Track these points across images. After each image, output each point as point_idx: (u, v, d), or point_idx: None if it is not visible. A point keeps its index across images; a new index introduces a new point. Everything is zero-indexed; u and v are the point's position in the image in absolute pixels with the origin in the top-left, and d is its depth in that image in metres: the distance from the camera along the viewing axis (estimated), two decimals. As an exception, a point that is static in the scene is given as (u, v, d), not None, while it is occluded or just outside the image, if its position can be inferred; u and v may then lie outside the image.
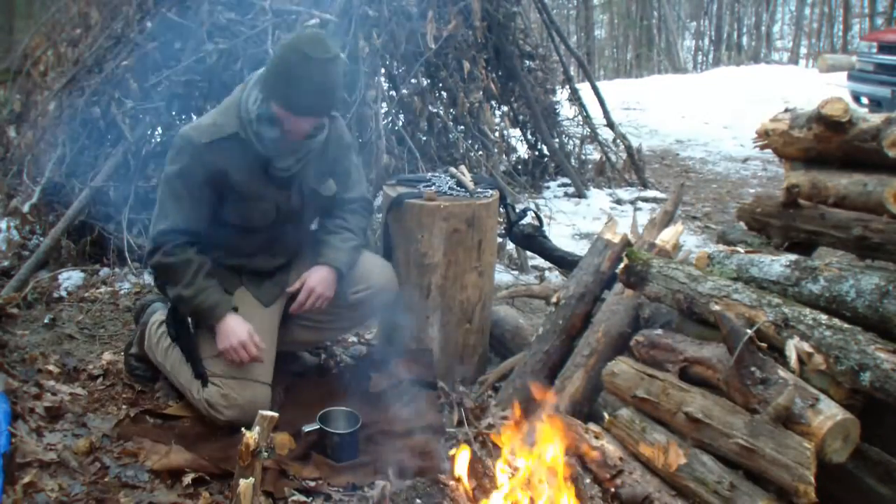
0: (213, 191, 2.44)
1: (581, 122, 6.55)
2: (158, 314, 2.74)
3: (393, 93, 4.68)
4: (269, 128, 2.37)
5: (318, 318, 2.71)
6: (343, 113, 4.08)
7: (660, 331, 2.37)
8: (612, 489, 2.15)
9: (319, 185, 2.60)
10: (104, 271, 3.87)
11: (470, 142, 5.04)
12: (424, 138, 4.70)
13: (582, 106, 6.48)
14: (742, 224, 2.72)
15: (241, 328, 2.45)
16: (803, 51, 20.13)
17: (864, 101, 8.21)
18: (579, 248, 4.22)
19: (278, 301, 2.66)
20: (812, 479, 1.74)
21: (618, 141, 6.52)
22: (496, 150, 5.35)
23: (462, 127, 5.09)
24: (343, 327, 2.93)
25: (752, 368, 1.91)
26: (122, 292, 3.68)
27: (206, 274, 2.47)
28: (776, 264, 2.17)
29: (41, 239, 4.00)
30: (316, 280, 2.59)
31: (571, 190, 6.00)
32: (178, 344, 2.60)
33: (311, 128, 2.39)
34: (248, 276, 2.63)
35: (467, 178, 3.02)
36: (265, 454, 1.81)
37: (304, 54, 2.25)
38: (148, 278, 3.69)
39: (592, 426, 2.34)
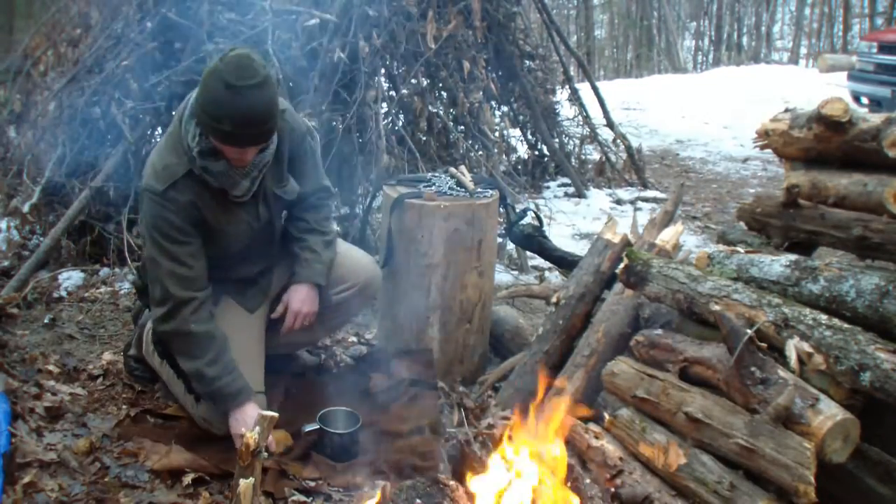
0: (194, 227, 2.36)
1: (581, 122, 6.54)
2: None
3: (393, 93, 4.68)
4: (213, 161, 2.27)
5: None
6: (343, 112, 4.09)
7: (660, 331, 2.37)
8: (612, 489, 2.15)
9: (282, 189, 2.51)
10: (104, 271, 3.87)
11: (470, 142, 5.04)
12: (424, 138, 4.69)
13: (582, 106, 6.47)
14: (742, 224, 2.72)
15: (247, 422, 2.32)
16: (803, 51, 20.13)
17: (864, 101, 8.21)
18: (579, 248, 4.22)
19: (263, 305, 2.62)
20: (812, 479, 1.74)
21: (618, 141, 6.52)
22: (496, 150, 5.35)
23: (462, 127, 5.09)
24: (332, 326, 2.91)
25: (752, 368, 1.91)
26: (122, 292, 3.68)
27: (227, 353, 2.39)
28: (776, 264, 2.17)
29: (41, 239, 4.00)
30: (298, 302, 2.55)
31: (571, 190, 6.00)
32: (168, 363, 2.60)
33: (253, 154, 2.28)
34: (231, 285, 2.57)
35: (467, 178, 3.02)
36: (265, 455, 1.81)
37: (228, 84, 2.10)
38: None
39: (592, 426, 2.34)
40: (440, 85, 5.07)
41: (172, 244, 2.32)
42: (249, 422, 2.28)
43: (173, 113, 4.10)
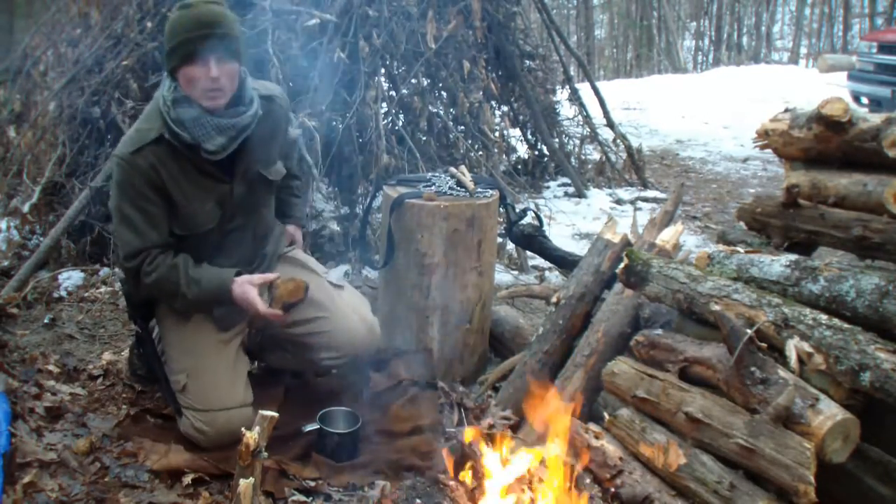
0: (160, 197, 2.31)
1: (581, 122, 6.55)
2: None
3: (393, 93, 4.68)
4: (186, 108, 2.25)
5: (294, 352, 2.67)
6: (343, 112, 4.09)
7: (660, 331, 2.37)
8: (612, 489, 2.15)
9: (267, 169, 2.46)
10: (104, 271, 3.87)
11: (470, 142, 5.04)
12: (424, 138, 4.70)
13: (582, 106, 6.48)
14: (742, 224, 2.72)
15: (245, 296, 2.34)
16: (803, 51, 20.14)
17: (864, 101, 8.21)
18: (579, 248, 4.22)
19: (239, 326, 2.53)
20: (812, 479, 1.74)
21: (618, 141, 6.52)
22: (496, 150, 5.35)
23: (462, 127, 5.09)
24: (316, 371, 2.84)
25: (752, 368, 1.91)
26: (122, 292, 3.68)
27: (193, 266, 2.36)
28: (776, 264, 2.17)
29: (41, 239, 4.00)
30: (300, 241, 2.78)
31: (571, 190, 6.00)
32: (151, 375, 2.60)
33: (222, 77, 2.22)
34: None
35: (467, 178, 3.01)
36: (265, 455, 1.81)
37: (184, 4, 2.24)
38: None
39: (592, 426, 2.34)
40: (440, 85, 5.08)
41: (132, 207, 2.30)
42: (246, 305, 2.34)
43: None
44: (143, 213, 2.31)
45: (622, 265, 2.50)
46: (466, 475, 2.20)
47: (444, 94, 5.15)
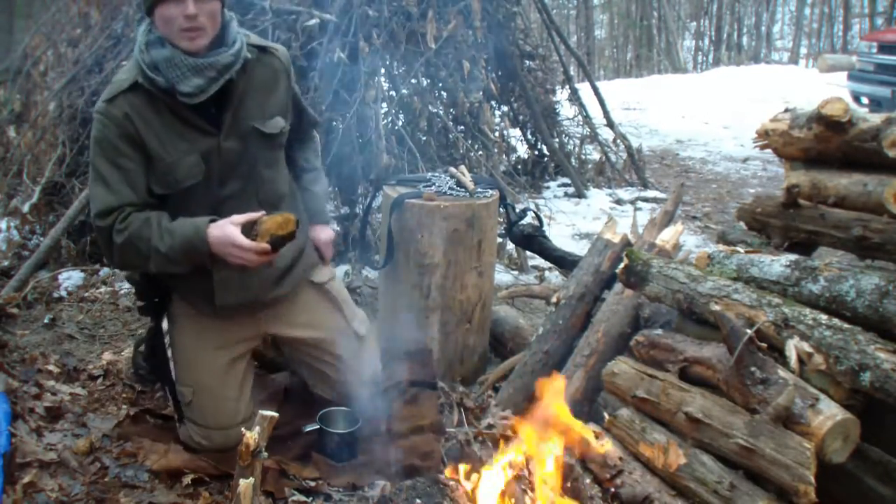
0: (136, 152, 2.12)
1: (581, 122, 6.55)
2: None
3: (393, 93, 4.68)
4: (159, 49, 2.06)
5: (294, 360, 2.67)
6: (343, 112, 4.09)
7: (660, 331, 2.37)
8: (612, 489, 2.15)
9: (263, 122, 2.24)
10: (104, 271, 3.88)
11: (470, 142, 5.05)
12: (424, 138, 4.70)
13: (582, 106, 6.48)
14: (742, 224, 2.72)
15: (225, 236, 2.08)
16: (803, 51, 20.16)
17: (864, 101, 8.21)
18: (579, 248, 4.22)
19: (249, 342, 2.45)
20: (812, 479, 1.74)
21: (618, 141, 6.52)
22: (496, 150, 5.35)
23: (462, 127, 5.09)
24: None
25: (752, 368, 1.91)
26: (122, 292, 3.68)
27: (168, 219, 2.14)
28: (776, 264, 2.17)
29: (41, 239, 4.00)
30: (327, 236, 2.57)
31: (571, 190, 6.01)
32: (153, 374, 2.57)
33: (200, 15, 2.04)
34: (205, 279, 2.26)
35: (467, 178, 3.01)
36: (265, 454, 1.81)
37: None
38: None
39: (592, 426, 2.34)
40: (440, 85, 5.08)
41: (106, 162, 2.12)
42: (221, 246, 2.07)
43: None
44: (119, 168, 2.12)
45: (622, 265, 2.50)
46: (465, 477, 2.20)
47: (444, 94, 5.15)
